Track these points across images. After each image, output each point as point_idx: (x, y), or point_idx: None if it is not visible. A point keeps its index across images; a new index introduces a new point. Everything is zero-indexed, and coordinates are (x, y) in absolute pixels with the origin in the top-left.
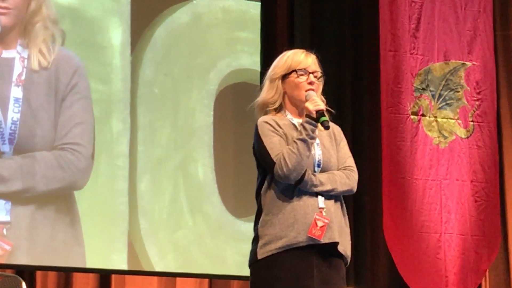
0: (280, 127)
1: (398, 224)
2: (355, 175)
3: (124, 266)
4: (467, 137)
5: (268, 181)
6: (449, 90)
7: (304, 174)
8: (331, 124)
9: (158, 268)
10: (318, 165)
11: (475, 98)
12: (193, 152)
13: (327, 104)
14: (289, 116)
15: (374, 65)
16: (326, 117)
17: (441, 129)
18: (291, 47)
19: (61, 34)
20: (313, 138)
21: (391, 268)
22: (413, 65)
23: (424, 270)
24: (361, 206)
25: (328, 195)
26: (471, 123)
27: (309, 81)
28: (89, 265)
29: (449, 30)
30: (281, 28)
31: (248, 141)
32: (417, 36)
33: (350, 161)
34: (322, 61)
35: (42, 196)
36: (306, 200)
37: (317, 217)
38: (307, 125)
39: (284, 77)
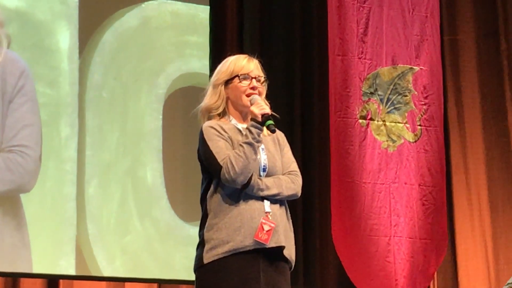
0: (225, 131)
1: (346, 227)
2: (299, 180)
3: (72, 271)
4: (415, 141)
5: (214, 186)
6: (397, 95)
7: (250, 178)
8: None
9: (106, 273)
10: (264, 170)
11: (423, 103)
12: (142, 156)
13: (273, 107)
14: (233, 121)
15: (323, 69)
16: (272, 121)
17: (389, 133)
18: (240, 51)
19: (6, 37)
20: (259, 141)
21: (340, 271)
22: (361, 70)
23: (373, 274)
24: (310, 209)
25: (273, 200)
26: (419, 127)
27: (251, 86)
28: (37, 270)
29: (397, 35)
30: (231, 32)
31: (197, 145)
32: (365, 40)
33: (294, 166)
34: (271, 65)
35: None
36: (252, 204)
37: (264, 221)
38: (253, 129)
39: (227, 82)
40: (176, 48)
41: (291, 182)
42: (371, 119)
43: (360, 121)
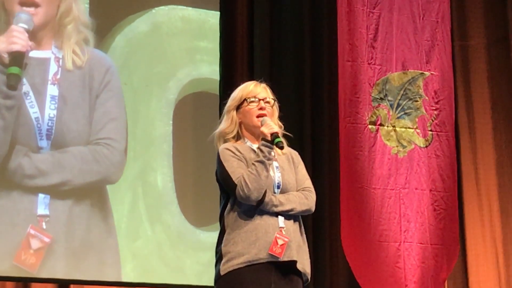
0: (239, 152)
1: (356, 233)
2: (313, 196)
3: (82, 276)
4: (426, 146)
5: (231, 203)
6: (407, 100)
7: (264, 195)
8: (289, 149)
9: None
10: (278, 187)
11: (434, 108)
12: (152, 161)
13: (283, 111)
14: (248, 142)
15: (333, 74)
16: (280, 139)
17: (399, 139)
18: (250, 56)
19: (92, 37)
20: (269, 159)
21: (350, 277)
22: (370, 75)
23: (383, 279)
24: (320, 215)
25: (287, 215)
26: (430, 132)
27: (259, 106)
28: (48, 275)
29: (407, 40)
30: (241, 37)
31: (207, 151)
32: (375, 46)
33: (308, 182)
34: (281, 70)
35: (78, 190)
36: (267, 219)
37: (278, 235)
38: (263, 147)
39: (238, 107)
40: (187, 53)
41: (304, 198)
42: (380, 124)
43: (370, 126)
